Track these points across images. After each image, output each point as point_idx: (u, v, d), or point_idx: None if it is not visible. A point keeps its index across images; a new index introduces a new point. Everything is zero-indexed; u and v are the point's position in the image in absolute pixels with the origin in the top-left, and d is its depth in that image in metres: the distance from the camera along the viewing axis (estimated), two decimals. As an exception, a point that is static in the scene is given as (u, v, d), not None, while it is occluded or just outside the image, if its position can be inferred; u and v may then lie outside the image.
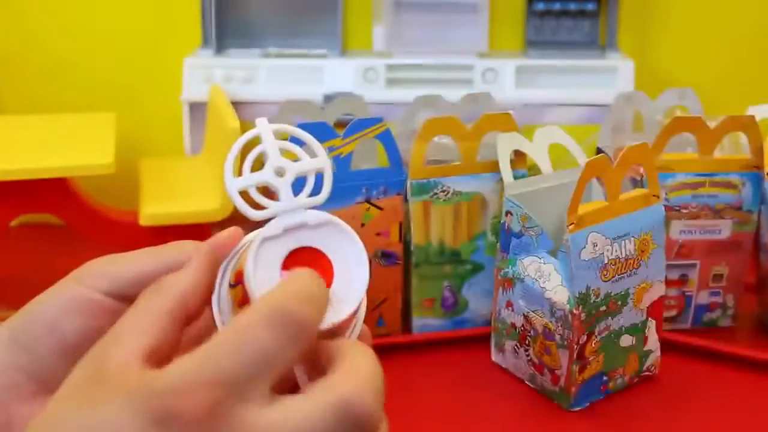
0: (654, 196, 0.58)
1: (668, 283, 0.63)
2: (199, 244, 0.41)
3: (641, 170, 0.60)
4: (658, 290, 0.60)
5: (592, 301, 0.56)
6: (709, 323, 0.68)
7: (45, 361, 0.40)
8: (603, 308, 0.56)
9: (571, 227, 0.54)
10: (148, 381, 0.31)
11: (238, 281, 0.39)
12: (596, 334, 0.57)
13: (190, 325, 0.38)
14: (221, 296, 0.40)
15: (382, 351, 0.50)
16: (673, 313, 0.67)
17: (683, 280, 0.67)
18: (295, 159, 0.38)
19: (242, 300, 0.38)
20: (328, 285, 0.37)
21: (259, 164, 0.38)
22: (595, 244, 0.55)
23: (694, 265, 0.66)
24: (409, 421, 0.55)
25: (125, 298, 0.41)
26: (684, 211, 0.64)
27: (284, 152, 0.38)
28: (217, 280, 0.41)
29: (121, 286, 0.40)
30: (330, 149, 0.58)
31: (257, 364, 0.31)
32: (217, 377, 0.30)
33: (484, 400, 0.59)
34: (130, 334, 0.34)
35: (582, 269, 0.55)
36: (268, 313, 0.32)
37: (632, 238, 0.57)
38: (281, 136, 0.39)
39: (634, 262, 0.57)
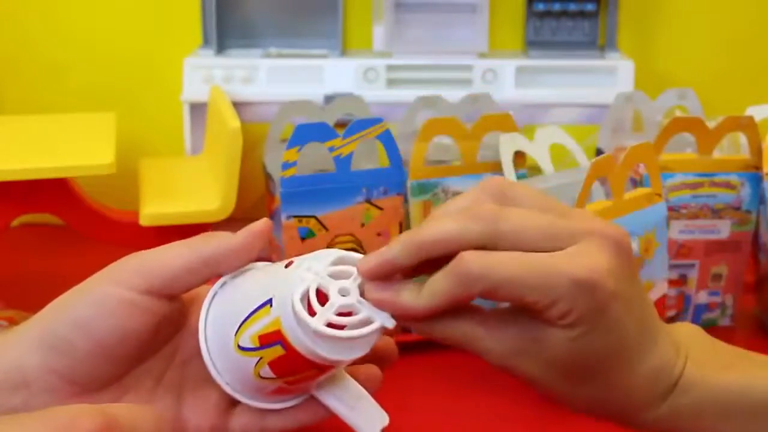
0: (656, 195, 0.59)
1: (667, 282, 0.63)
2: (231, 236, 0.41)
3: (641, 170, 0.60)
4: (661, 288, 0.60)
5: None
6: (708, 323, 0.68)
7: (83, 365, 0.40)
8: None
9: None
10: None
11: (263, 344, 0.39)
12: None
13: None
14: (227, 351, 0.41)
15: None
16: (673, 313, 0.67)
17: (682, 279, 0.67)
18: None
19: (281, 362, 0.39)
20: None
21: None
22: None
23: (693, 265, 0.66)
24: (411, 422, 0.55)
25: (162, 295, 0.41)
26: (683, 211, 0.65)
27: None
28: (203, 313, 0.42)
29: (158, 284, 0.40)
30: (330, 149, 0.58)
31: None
32: None
33: (488, 401, 0.59)
34: None
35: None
36: None
37: (636, 237, 0.57)
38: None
39: (638, 261, 0.57)
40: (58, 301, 0.41)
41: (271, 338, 0.39)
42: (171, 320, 0.43)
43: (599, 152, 0.73)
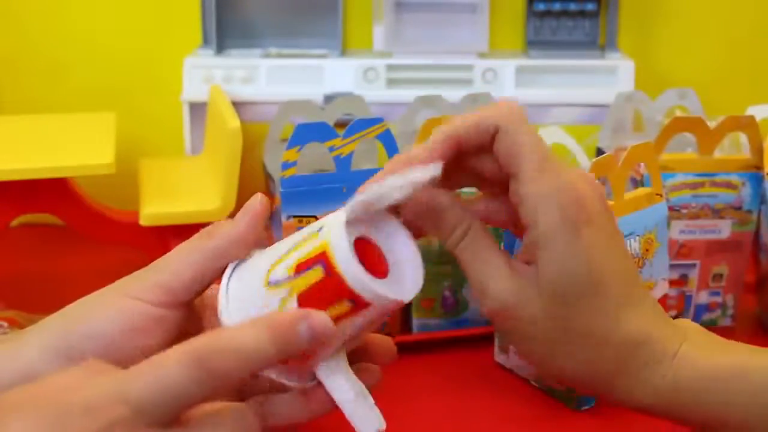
0: (657, 194, 0.59)
1: (668, 282, 0.63)
2: (233, 225, 0.41)
3: (641, 170, 0.60)
4: (662, 288, 0.60)
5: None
6: (709, 323, 0.68)
7: None
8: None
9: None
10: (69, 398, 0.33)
11: (300, 270, 0.39)
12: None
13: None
14: (253, 292, 0.40)
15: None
16: (673, 313, 0.67)
17: (683, 280, 0.67)
18: None
19: (315, 290, 0.38)
20: (384, 270, 0.40)
21: None
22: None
23: (693, 265, 0.66)
24: (411, 422, 0.55)
25: (180, 304, 0.41)
26: (684, 211, 0.65)
27: None
28: (227, 273, 0.41)
29: (174, 294, 0.41)
30: (330, 149, 0.58)
31: (163, 393, 0.33)
32: (125, 397, 0.32)
33: (489, 401, 0.58)
34: None
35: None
36: (188, 353, 0.34)
37: (637, 237, 0.57)
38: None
39: (639, 261, 0.57)
40: (74, 310, 0.41)
41: (312, 261, 0.38)
42: (187, 329, 0.43)
43: (599, 152, 0.73)
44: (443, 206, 0.41)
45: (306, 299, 0.39)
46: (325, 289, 0.38)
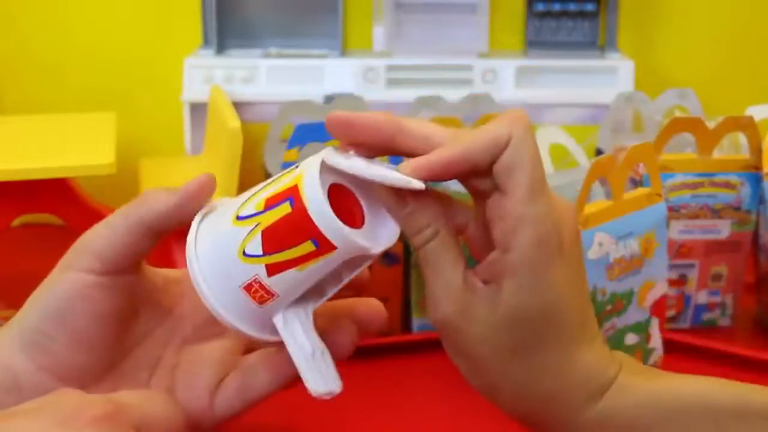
0: (656, 194, 0.59)
1: (667, 282, 0.63)
2: (165, 197, 0.41)
3: (640, 170, 0.60)
4: (661, 288, 0.60)
5: (598, 300, 0.56)
6: (708, 323, 0.68)
7: (66, 357, 0.40)
8: (609, 307, 0.57)
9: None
10: None
11: (270, 205, 0.38)
12: (603, 332, 0.57)
13: None
14: (219, 235, 0.39)
15: (383, 351, 0.51)
16: (672, 312, 0.67)
17: (682, 279, 0.67)
18: None
19: (280, 225, 0.37)
20: (359, 225, 0.39)
21: None
22: (600, 244, 0.55)
23: (693, 265, 0.66)
24: (411, 422, 0.55)
25: (118, 271, 0.41)
26: (683, 211, 0.65)
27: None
28: (196, 221, 0.41)
29: (104, 261, 0.40)
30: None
31: None
32: None
33: (488, 401, 0.58)
34: None
35: (589, 269, 0.55)
36: None
37: (636, 237, 0.57)
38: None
39: (638, 261, 0.57)
40: (31, 297, 0.42)
41: (283, 196, 0.37)
42: (144, 298, 0.42)
43: (599, 152, 0.73)
44: (419, 202, 0.39)
45: (270, 235, 0.37)
46: (290, 226, 0.37)
